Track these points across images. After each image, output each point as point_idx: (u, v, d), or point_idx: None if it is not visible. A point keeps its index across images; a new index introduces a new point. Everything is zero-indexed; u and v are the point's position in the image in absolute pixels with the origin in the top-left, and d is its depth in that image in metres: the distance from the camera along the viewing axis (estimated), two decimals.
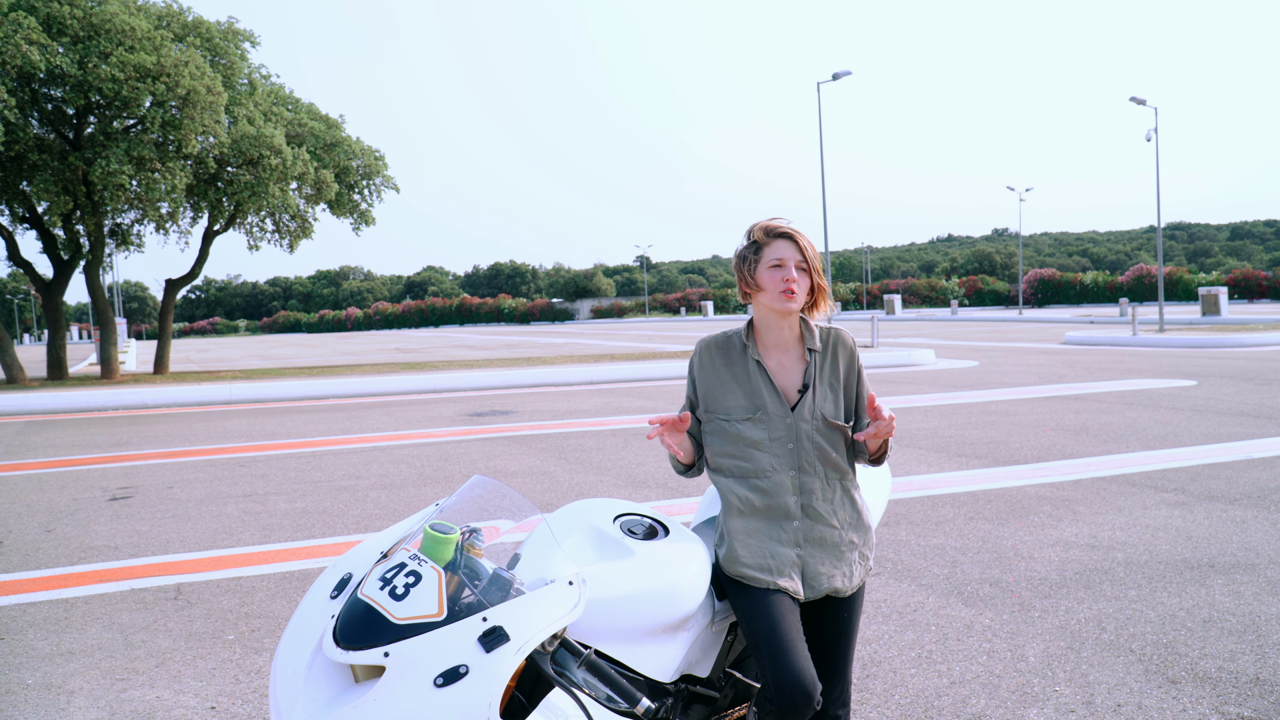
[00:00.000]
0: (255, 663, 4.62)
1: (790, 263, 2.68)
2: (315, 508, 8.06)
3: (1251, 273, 69.73)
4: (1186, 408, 12.44)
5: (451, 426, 13.42)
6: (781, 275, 2.68)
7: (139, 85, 20.35)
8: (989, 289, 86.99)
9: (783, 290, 2.68)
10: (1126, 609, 4.92)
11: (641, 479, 8.86)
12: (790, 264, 2.68)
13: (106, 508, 8.38)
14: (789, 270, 2.67)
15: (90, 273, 24.62)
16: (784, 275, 2.67)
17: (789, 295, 2.68)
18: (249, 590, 5.80)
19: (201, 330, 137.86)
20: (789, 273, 2.67)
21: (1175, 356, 21.51)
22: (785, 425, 2.72)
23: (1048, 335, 33.74)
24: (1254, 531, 6.30)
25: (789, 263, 2.68)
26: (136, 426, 14.83)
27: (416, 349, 41.77)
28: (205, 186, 24.52)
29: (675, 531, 2.71)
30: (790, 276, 2.67)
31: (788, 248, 2.70)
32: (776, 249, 2.70)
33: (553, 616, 2.20)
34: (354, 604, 2.20)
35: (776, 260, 2.69)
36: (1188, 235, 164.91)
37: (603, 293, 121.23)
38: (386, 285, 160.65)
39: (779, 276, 2.68)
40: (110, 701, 4.21)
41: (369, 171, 27.43)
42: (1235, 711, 3.71)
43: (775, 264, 2.69)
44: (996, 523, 6.81)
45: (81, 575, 6.25)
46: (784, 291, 2.68)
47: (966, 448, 10.00)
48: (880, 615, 4.99)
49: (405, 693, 2.06)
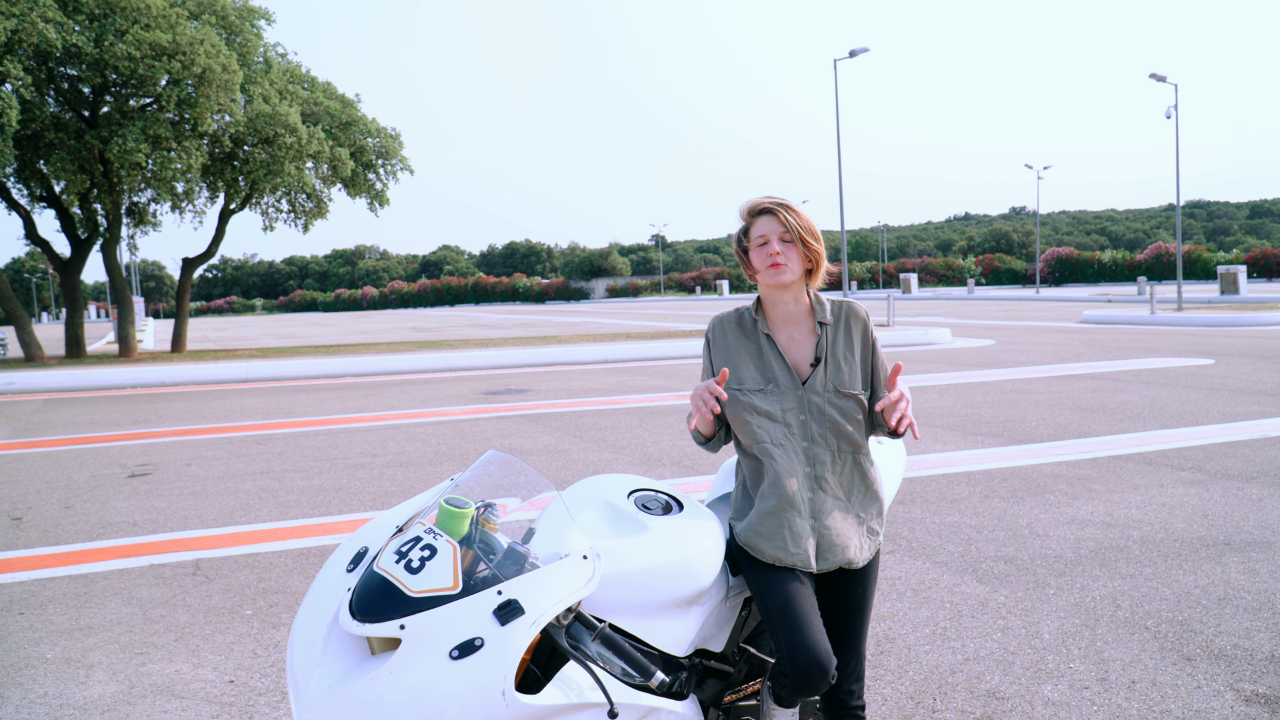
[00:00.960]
0: (273, 637, 4.66)
1: (773, 237, 2.72)
2: (332, 485, 8.10)
3: (1271, 251, 69.07)
4: (1204, 386, 12.36)
5: (467, 405, 13.46)
6: (766, 251, 2.72)
7: (155, 63, 20.36)
8: (1006, 268, 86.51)
9: (769, 265, 2.71)
10: (1142, 586, 4.91)
11: (656, 457, 8.87)
12: (773, 238, 2.72)
13: (125, 484, 8.44)
14: (772, 244, 2.71)
15: (108, 251, 24.72)
16: (768, 251, 2.71)
17: (775, 268, 2.71)
18: (267, 566, 5.84)
19: (218, 309, 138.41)
20: (772, 247, 2.71)
21: (1193, 335, 21.37)
22: (797, 398, 2.73)
23: (1065, 314, 33.56)
24: (1270, 510, 6.27)
25: (771, 237, 2.72)
26: (154, 404, 14.92)
27: (432, 328, 41.84)
28: (221, 165, 24.56)
29: (690, 507, 2.72)
30: (773, 250, 2.70)
31: (768, 223, 2.73)
32: (759, 226, 2.74)
33: (567, 590, 2.21)
34: (370, 577, 2.22)
35: (761, 237, 2.73)
36: (1207, 213, 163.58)
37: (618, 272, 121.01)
38: (402, 264, 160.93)
39: (765, 253, 2.72)
40: (129, 675, 4.25)
41: (385, 152, 27.41)
42: (1250, 689, 3.70)
43: (760, 241, 2.74)
44: (1012, 501, 6.80)
45: (100, 551, 6.30)
46: (770, 266, 2.71)
47: (982, 426, 9.97)
48: (895, 592, 4.99)
49: (421, 665, 2.07)
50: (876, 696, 3.78)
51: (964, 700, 3.72)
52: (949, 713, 3.63)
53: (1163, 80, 32.07)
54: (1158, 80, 32.04)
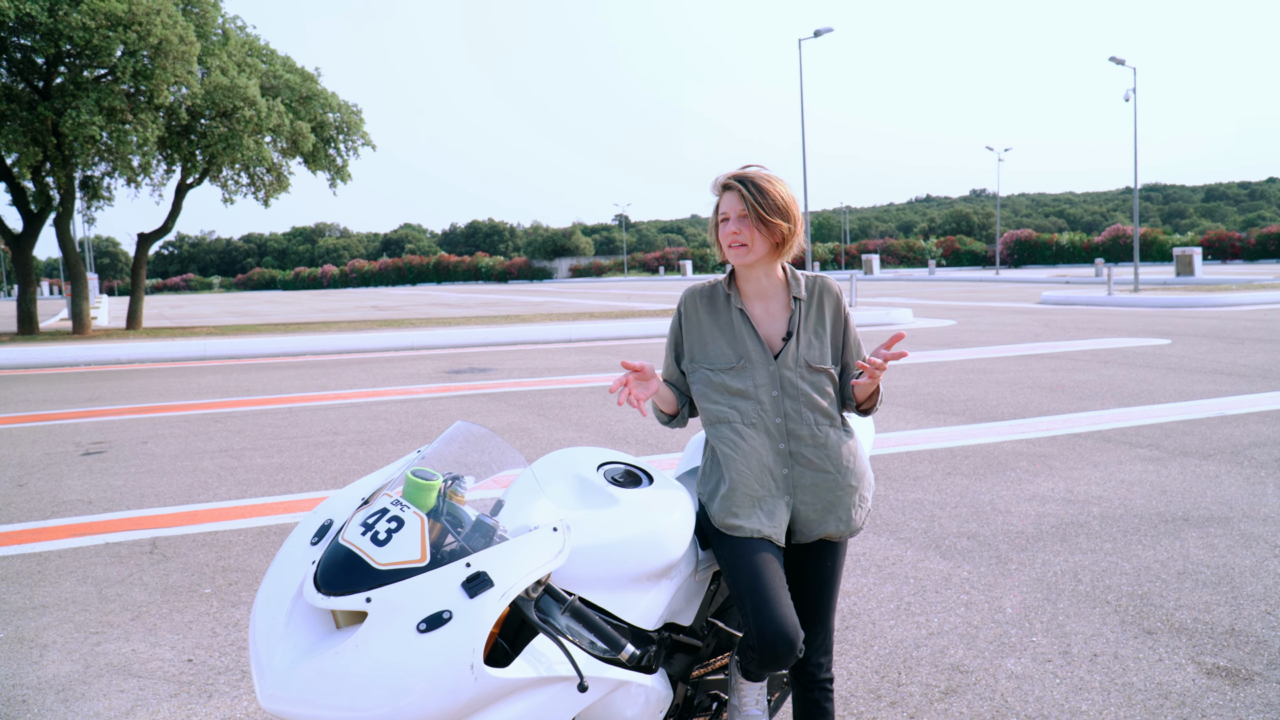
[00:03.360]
0: (232, 616, 4.60)
1: (733, 214, 2.64)
2: (292, 463, 8.01)
3: (1225, 234, 70.21)
4: (1161, 366, 12.53)
5: (430, 383, 13.36)
6: (726, 230, 2.65)
7: (110, 34, 19.95)
8: (966, 249, 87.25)
9: (729, 245, 2.65)
10: (1102, 561, 4.96)
11: (621, 435, 8.85)
12: (732, 216, 2.64)
13: (80, 462, 8.30)
14: (731, 223, 2.64)
15: (61, 226, 24.26)
16: (728, 229, 2.65)
17: (735, 249, 2.65)
18: (226, 544, 5.76)
19: (175, 287, 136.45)
20: (731, 225, 2.64)
21: (1150, 316, 21.65)
22: (769, 373, 2.69)
23: (1024, 295, 33.88)
24: (1227, 486, 6.36)
25: (731, 215, 2.64)
26: (109, 382, 14.68)
27: (394, 306, 41.53)
28: (178, 138, 24.16)
29: (659, 480, 2.69)
30: (731, 230, 2.64)
31: (730, 199, 2.65)
32: (724, 202, 2.67)
33: (536, 563, 2.18)
34: (335, 549, 2.17)
35: (722, 214, 2.67)
36: (1163, 196, 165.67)
37: (581, 252, 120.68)
38: (363, 243, 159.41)
39: (725, 231, 2.66)
40: (85, 654, 4.18)
41: (346, 126, 27.08)
42: (1211, 661, 3.75)
43: (723, 218, 2.67)
44: (974, 478, 6.85)
45: (54, 529, 6.19)
46: (729, 246, 2.65)
47: (944, 405, 10.04)
48: (859, 568, 5.01)
49: (388, 638, 2.03)
50: (842, 670, 3.79)
51: (928, 674, 3.74)
52: (914, 686, 3.65)
53: (1122, 63, 32.37)
54: (1117, 63, 32.34)
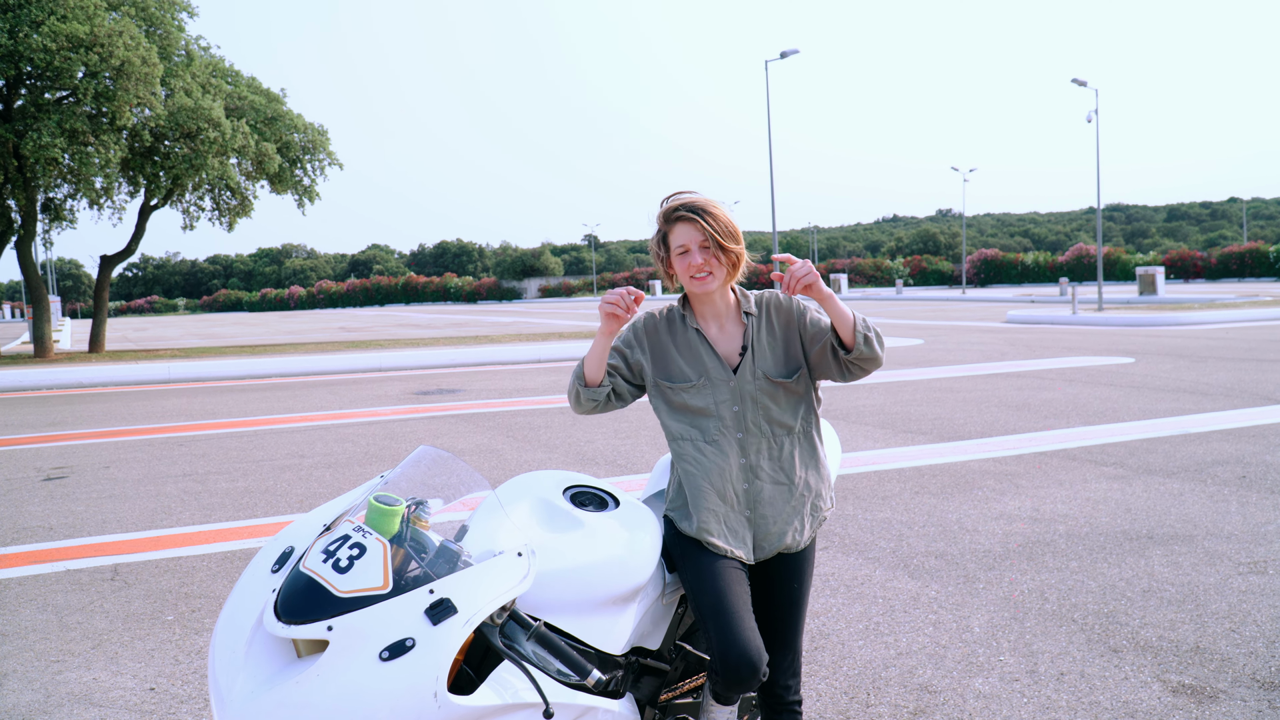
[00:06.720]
0: (195, 643, 4.53)
1: (694, 246, 2.65)
2: (258, 487, 7.92)
3: (1187, 253, 71.10)
4: (1125, 384, 12.66)
5: (397, 405, 13.28)
6: (688, 261, 2.66)
7: (71, 55, 19.77)
8: (933, 269, 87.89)
9: (692, 276, 2.67)
10: (1068, 580, 4.99)
11: (590, 456, 8.83)
12: (694, 247, 2.65)
13: (40, 488, 8.17)
14: (694, 255, 2.65)
15: (22, 249, 23.94)
16: (689, 262, 2.65)
17: (699, 280, 2.67)
18: (189, 570, 5.68)
19: (139, 309, 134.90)
20: (694, 258, 2.65)
21: (1113, 335, 21.90)
22: (729, 389, 2.72)
23: (990, 314, 34.19)
24: (1191, 504, 6.43)
25: (692, 246, 2.65)
26: (71, 406, 14.48)
27: (361, 328, 41.28)
28: (141, 160, 23.92)
29: (625, 503, 2.69)
30: (695, 262, 2.65)
31: (688, 231, 2.65)
32: (679, 234, 2.67)
33: (501, 588, 2.16)
34: (296, 577, 2.14)
35: (681, 246, 2.67)
36: (1126, 216, 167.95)
37: (550, 272, 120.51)
38: (330, 264, 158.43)
39: (686, 262, 2.66)
40: (45, 684, 4.10)
41: (311, 146, 26.94)
42: (1176, 679, 3.77)
43: (681, 250, 2.67)
44: (941, 497, 6.88)
45: (14, 556, 6.08)
46: (693, 277, 2.67)
47: (912, 424, 10.09)
48: (828, 588, 5.01)
49: (350, 667, 2.01)
50: (811, 691, 3.78)
51: (897, 694, 3.74)
52: (882, 706, 3.64)
53: (1084, 85, 32.82)
54: (1079, 85, 32.77)
